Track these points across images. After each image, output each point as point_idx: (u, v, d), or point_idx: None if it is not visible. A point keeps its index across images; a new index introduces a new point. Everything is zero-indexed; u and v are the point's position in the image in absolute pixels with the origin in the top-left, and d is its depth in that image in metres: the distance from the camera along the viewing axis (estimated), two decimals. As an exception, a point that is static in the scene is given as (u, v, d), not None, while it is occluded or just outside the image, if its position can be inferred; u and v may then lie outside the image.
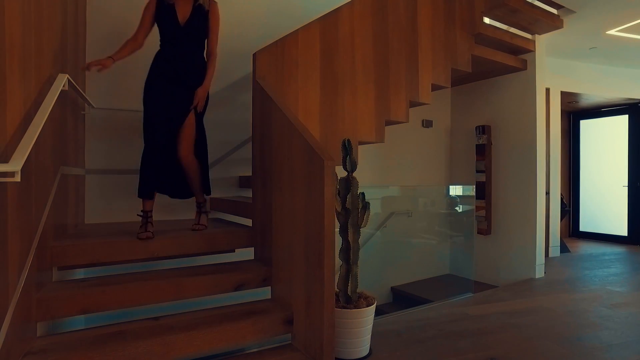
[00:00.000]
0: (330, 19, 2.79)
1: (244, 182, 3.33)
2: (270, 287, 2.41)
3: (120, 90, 2.99)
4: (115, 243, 2.21)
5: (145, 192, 2.48)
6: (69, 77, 2.11)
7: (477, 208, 4.63)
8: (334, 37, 2.80)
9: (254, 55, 2.59)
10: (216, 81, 3.34)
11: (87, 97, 2.65)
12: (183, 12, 2.50)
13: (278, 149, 2.31)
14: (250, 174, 2.73)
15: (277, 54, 2.61)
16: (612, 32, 4.43)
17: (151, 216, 2.47)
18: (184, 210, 3.18)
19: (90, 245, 2.15)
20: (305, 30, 2.70)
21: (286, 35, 2.65)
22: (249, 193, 2.85)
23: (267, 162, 2.45)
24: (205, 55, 2.63)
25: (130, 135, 3.02)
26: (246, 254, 2.66)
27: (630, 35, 4.53)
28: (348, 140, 2.35)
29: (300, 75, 2.68)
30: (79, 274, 2.54)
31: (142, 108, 2.52)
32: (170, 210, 3.14)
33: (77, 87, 2.32)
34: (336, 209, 2.23)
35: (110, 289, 1.99)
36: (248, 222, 2.74)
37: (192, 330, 1.91)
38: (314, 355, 1.98)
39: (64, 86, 2.02)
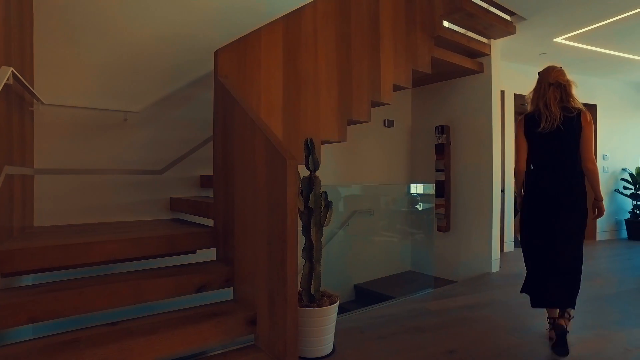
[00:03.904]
0: (293, 18, 2.79)
1: (205, 181, 3.26)
2: (232, 288, 2.37)
3: (74, 86, 2.85)
4: (69, 246, 2.10)
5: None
6: (14, 70, 1.98)
7: (437, 206, 4.77)
8: (297, 36, 2.80)
9: (216, 52, 2.54)
10: (177, 79, 3.27)
11: (35, 93, 2.50)
12: None
13: (240, 148, 2.28)
14: (212, 174, 2.68)
15: (240, 52, 2.58)
16: (559, 39, 4.70)
17: None
18: (143, 211, 3.08)
19: (39, 249, 2.03)
20: (268, 28, 2.68)
21: (249, 33, 2.62)
22: (210, 193, 2.79)
23: (229, 162, 2.41)
24: None
25: (84, 133, 2.89)
26: (208, 254, 2.61)
27: (575, 44, 4.82)
28: (310, 139, 2.36)
29: (263, 73, 2.66)
30: (27, 280, 2.40)
31: (97, 105, 2.41)
32: (129, 210, 3.03)
33: (23, 81, 2.19)
34: (299, 208, 2.23)
35: (63, 295, 1.89)
36: (210, 222, 2.69)
37: (152, 334, 1.86)
38: (277, 354, 1.97)
39: (8, 79, 1.89)
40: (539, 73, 2.73)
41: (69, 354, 1.66)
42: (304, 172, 2.30)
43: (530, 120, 2.60)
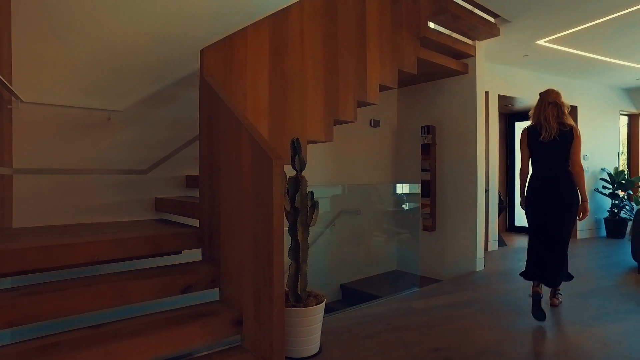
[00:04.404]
0: (280, 18, 2.78)
1: (190, 181, 3.23)
2: (218, 289, 2.36)
3: (55, 83, 2.79)
4: (49, 247, 2.05)
5: None
6: (-8, 68, 1.93)
7: (423, 205, 4.81)
8: (284, 36, 2.79)
9: (202, 51, 2.52)
10: (162, 78, 3.23)
11: (14, 90, 2.44)
12: None
13: (226, 147, 2.27)
14: (198, 174, 2.66)
15: (226, 51, 2.57)
16: (541, 42, 4.80)
17: None
18: (127, 211, 3.04)
19: (18, 250, 1.97)
20: (254, 27, 2.67)
21: (235, 32, 2.60)
22: (196, 193, 2.77)
23: (214, 161, 2.39)
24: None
25: (66, 132, 2.83)
26: (194, 255, 2.58)
27: (557, 46, 4.92)
28: (297, 139, 2.36)
29: (249, 73, 2.64)
30: (6, 283, 2.34)
31: (80, 103, 2.37)
32: (113, 211, 2.98)
33: (1, 78, 2.14)
34: (285, 208, 2.23)
35: (44, 298, 1.85)
36: (195, 222, 2.67)
37: (136, 336, 1.83)
38: (264, 355, 1.97)
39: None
40: (540, 93, 3.29)
41: (49, 358, 1.63)
42: (290, 172, 2.30)
43: (532, 131, 3.21)
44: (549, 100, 3.15)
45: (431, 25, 3.91)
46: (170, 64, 3.25)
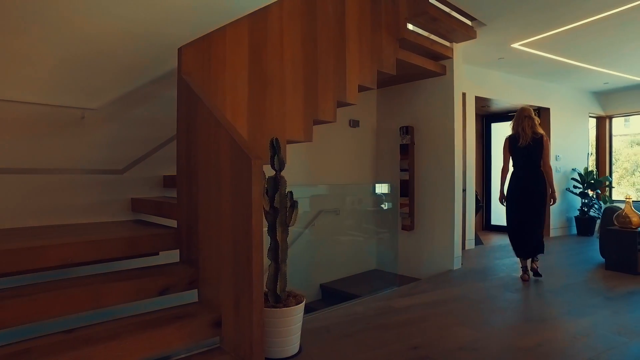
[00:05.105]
0: (259, 16, 2.76)
1: (168, 181, 3.18)
2: (197, 290, 2.33)
3: (24, 80, 2.69)
4: (20, 250, 1.97)
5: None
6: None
7: (401, 205, 4.87)
8: (263, 35, 2.78)
9: (180, 49, 2.48)
10: (139, 75, 3.17)
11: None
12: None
13: (204, 147, 2.24)
14: (175, 173, 2.62)
15: (204, 50, 2.53)
16: (516, 45, 4.93)
17: None
18: (103, 212, 2.96)
19: (-15, 253, 1.90)
20: (233, 26, 2.65)
21: (213, 31, 2.57)
22: (173, 193, 2.72)
23: (192, 161, 2.36)
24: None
25: (37, 130, 2.74)
26: (171, 256, 2.54)
27: (531, 50, 5.07)
28: (276, 139, 2.35)
29: (227, 72, 2.62)
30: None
31: (51, 101, 2.29)
32: (88, 212, 2.91)
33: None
34: (264, 208, 2.22)
35: (13, 303, 1.79)
36: (173, 223, 2.63)
37: (111, 340, 1.79)
38: (243, 356, 1.95)
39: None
40: (518, 110, 4.18)
41: (19, 364, 1.57)
42: (269, 172, 2.29)
43: (512, 139, 4.13)
44: (525, 114, 4.05)
45: (410, 27, 3.96)
46: (148, 62, 3.18)
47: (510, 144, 4.12)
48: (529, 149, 3.96)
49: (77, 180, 2.89)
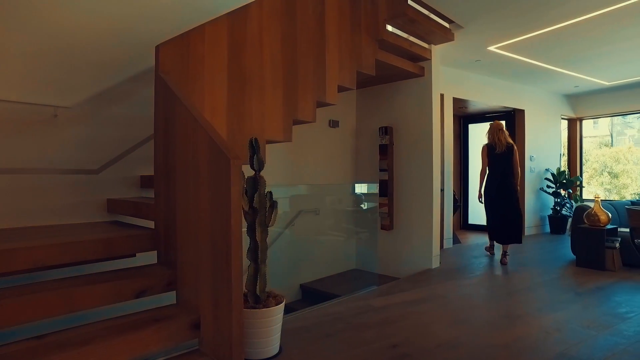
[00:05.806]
0: (238, 15, 2.74)
1: (145, 181, 3.12)
2: (175, 292, 2.29)
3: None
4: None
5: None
6: None
7: (381, 205, 4.91)
8: (243, 34, 2.76)
9: (157, 47, 2.44)
10: (115, 74, 3.09)
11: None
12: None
13: (182, 147, 2.21)
14: (153, 174, 2.57)
15: (182, 48, 2.50)
16: (492, 48, 5.04)
17: None
18: (77, 213, 2.88)
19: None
20: (212, 25, 2.62)
21: (192, 29, 2.54)
22: (151, 193, 2.67)
23: (170, 161, 2.33)
24: None
25: (6, 129, 2.64)
26: (149, 258, 2.49)
27: (506, 53, 5.20)
28: (255, 139, 2.34)
29: (206, 71, 2.59)
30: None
31: (21, 98, 2.21)
32: (61, 213, 2.82)
33: None
34: (243, 208, 2.20)
35: (-20, 307, 1.73)
36: (150, 224, 2.58)
37: (85, 345, 1.74)
38: (222, 357, 1.94)
39: None
40: (490, 124, 5.12)
41: (-12, 371, 1.52)
42: (248, 172, 2.27)
43: (490, 146, 4.99)
44: (498, 127, 5.00)
45: (389, 28, 4.00)
46: (124, 60, 3.11)
47: (489, 151, 4.97)
48: (504, 155, 4.86)
49: (50, 181, 2.80)
